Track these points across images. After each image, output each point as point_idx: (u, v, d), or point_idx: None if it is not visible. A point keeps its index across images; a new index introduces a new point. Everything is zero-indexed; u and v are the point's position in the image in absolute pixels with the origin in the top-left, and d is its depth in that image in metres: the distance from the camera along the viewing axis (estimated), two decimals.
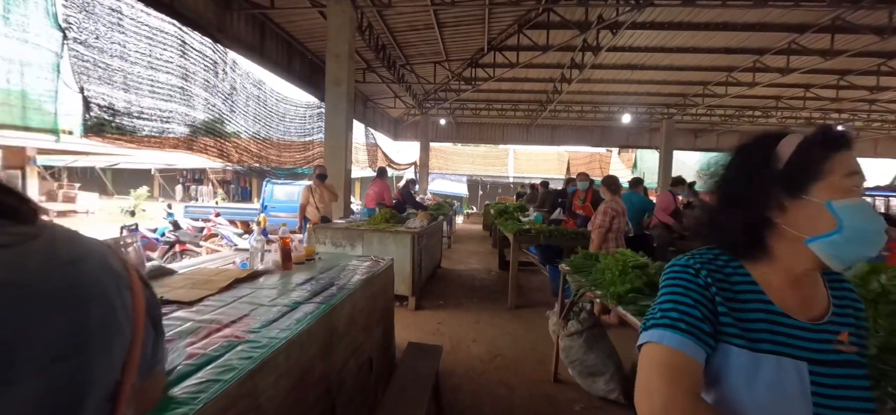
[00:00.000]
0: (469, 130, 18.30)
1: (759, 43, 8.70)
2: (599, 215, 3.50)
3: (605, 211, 3.55)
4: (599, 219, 3.49)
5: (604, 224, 3.50)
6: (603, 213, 3.55)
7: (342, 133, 5.95)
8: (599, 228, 3.49)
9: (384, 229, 4.11)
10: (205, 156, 6.43)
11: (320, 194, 5.23)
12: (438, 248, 6.29)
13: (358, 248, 4.10)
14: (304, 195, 5.19)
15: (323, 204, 5.25)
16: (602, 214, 3.51)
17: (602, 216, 3.52)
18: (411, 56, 10.16)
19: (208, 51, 6.19)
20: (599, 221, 3.48)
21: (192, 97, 6.02)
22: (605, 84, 11.79)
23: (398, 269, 3.94)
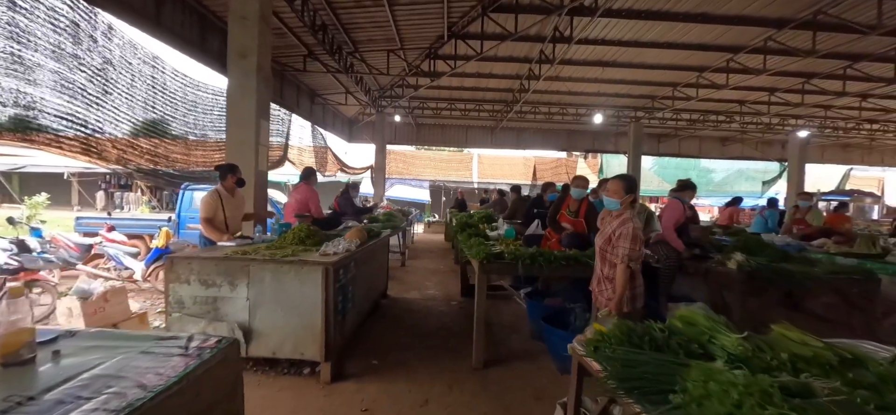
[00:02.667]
0: (430, 131, 17.06)
1: (735, 40, 8.18)
2: (629, 242, 2.30)
3: (635, 236, 2.31)
4: (629, 247, 2.30)
5: (636, 257, 2.34)
6: (633, 238, 2.29)
7: (250, 121, 4.45)
8: (632, 264, 2.33)
9: (283, 259, 2.71)
10: (59, 152, 4.64)
11: (233, 205, 3.77)
12: (382, 273, 4.89)
13: (241, 289, 2.65)
14: (209, 205, 3.63)
15: (235, 215, 3.76)
16: (632, 240, 2.29)
17: (632, 244, 2.29)
18: (360, 42, 8.75)
19: (61, 4, 4.46)
20: (630, 250, 2.30)
21: (31, 69, 4.26)
22: (573, 83, 11.00)
23: (302, 322, 2.53)
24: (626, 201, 2.44)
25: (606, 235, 2.42)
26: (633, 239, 2.31)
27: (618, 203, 2.43)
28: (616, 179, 2.51)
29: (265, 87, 4.66)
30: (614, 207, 2.44)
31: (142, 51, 5.81)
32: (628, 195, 2.44)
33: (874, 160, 17.75)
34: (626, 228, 2.31)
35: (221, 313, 2.70)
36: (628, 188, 2.47)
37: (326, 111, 13.94)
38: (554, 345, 3.06)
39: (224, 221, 3.66)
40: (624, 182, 2.48)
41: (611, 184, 2.50)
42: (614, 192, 2.45)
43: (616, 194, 2.45)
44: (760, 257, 3.18)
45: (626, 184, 2.48)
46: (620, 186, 2.46)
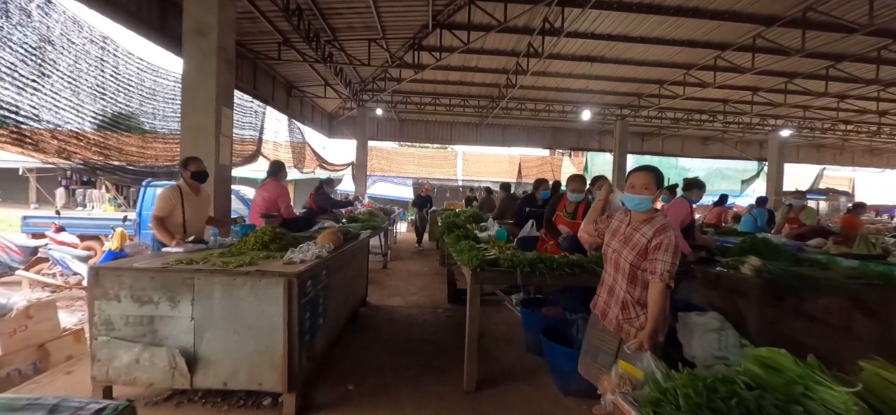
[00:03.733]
0: (414, 127, 16.58)
1: (724, 37, 8.08)
2: (671, 255, 1.83)
3: (677, 247, 1.85)
4: (671, 261, 1.83)
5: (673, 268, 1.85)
6: (675, 250, 1.84)
7: (210, 108, 3.92)
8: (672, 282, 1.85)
9: (235, 270, 2.26)
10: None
11: (196, 204, 3.26)
12: (361, 279, 4.43)
13: (184, 307, 2.17)
14: (166, 202, 3.10)
15: (196, 217, 3.26)
16: (674, 253, 1.83)
17: (674, 257, 1.84)
18: (339, 29, 8.21)
19: None
20: (671, 265, 1.83)
21: None
22: (560, 79, 10.75)
23: (260, 345, 2.09)
24: (657, 200, 1.99)
25: (638, 246, 1.89)
26: (675, 251, 1.84)
27: (649, 201, 1.93)
28: (642, 172, 1.98)
29: (228, 70, 4.13)
30: (644, 206, 1.93)
31: (88, 30, 5.15)
32: (660, 191, 1.96)
33: (845, 160, 18.33)
34: (667, 238, 1.84)
35: (160, 337, 2.21)
36: (659, 182, 1.97)
37: (305, 105, 13.26)
38: (556, 363, 2.71)
39: (182, 223, 3.12)
40: (653, 175, 1.97)
41: (636, 178, 1.96)
42: (644, 187, 1.92)
43: (646, 190, 1.92)
44: (777, 262, 2.92)
45: (656, 177, 1.96)
46: (650, 180, 1.94)
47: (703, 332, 2.81)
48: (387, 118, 15.95)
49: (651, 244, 1.87)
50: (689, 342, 2.91)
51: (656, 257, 1.84)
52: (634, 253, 1.90)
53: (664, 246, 1.84)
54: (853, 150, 17.97)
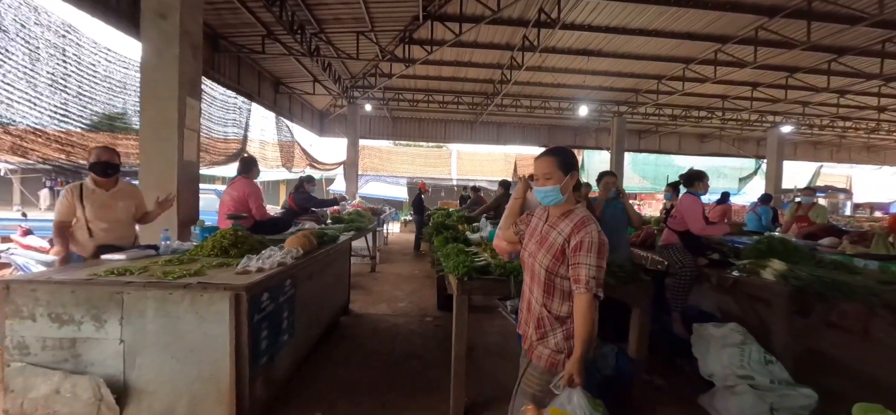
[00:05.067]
0: (407, 125, 16.22)
1: (725, 29, 7.80)
2: (595, 256, 1.47)
3: (602, 246, 1.49)
4: (596, 264, 1.47)
5: (601, 279, 1.50)
6: (599, 250, 1.48)
7: (172, 98, 3.54)
8: (599, 292, 1.47)
9: (172, 283, 1.83)
10: None
11: (103, 203, 2.68)
12: (341, 286, 4.04)
13: (111, 327, 1.81)
14: (61, 204, 2.63)
15: (107, 218, 2.68)
16: (598, 253, 1.48)
17: (599, 259, 1.49)
18: (326, 21, 7.83)
19: None
20: (596, 269, 1.49)
21: None
22: (556, 74, 10.43)
23: (202, 372, 1.74)
24: (568, 187, 1.55)
25: (554, 247, 1.51)
26: (600, 251, 1.46)
27: (558, 191, 1.53)
28: (543, 157, 1.58)
29: (193, 57, 3.75)
30: (553, 199, 1.54)
31: (45, 16, 4.74)
32: (568, 176, 1.54)
33: (842, 157, 18.20)
34: (588, 235, 1.46)
35: (83, 363, 1.85)
36: (565, 164, 1.55)
37: (293, 102, 12.85)
38: None
39: (86, 226, 2.60)
40: (557, 158, 1.55)
41: (538, 166, 1.58)
42: (545, 176, 1.54)
43: (549, 179, 1.53)
44: (804, 266, 2.60)
45: (561, 160, 1.55)
46: (552, 165, 1.54)
47: (722, 346, 2.48)
48: (379, 116, 15.58)
49: (570, 244, 1.49)
50: (706, 357, 2.58)
51: (578, 260, 1.46)
52: (550, 256, 1.53)
53: (585, 245, 1.46)
54: (850, 147, 17.85)
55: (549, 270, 1.53)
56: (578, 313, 1.45)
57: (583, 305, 1.44)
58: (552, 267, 1.53)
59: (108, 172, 2.70)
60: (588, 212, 1.56)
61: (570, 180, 1.56)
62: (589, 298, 1.43)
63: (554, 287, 1.55)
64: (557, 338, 1.53)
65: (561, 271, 1.52)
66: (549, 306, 1.56)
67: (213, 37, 8.00)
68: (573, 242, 1.48)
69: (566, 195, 1.56)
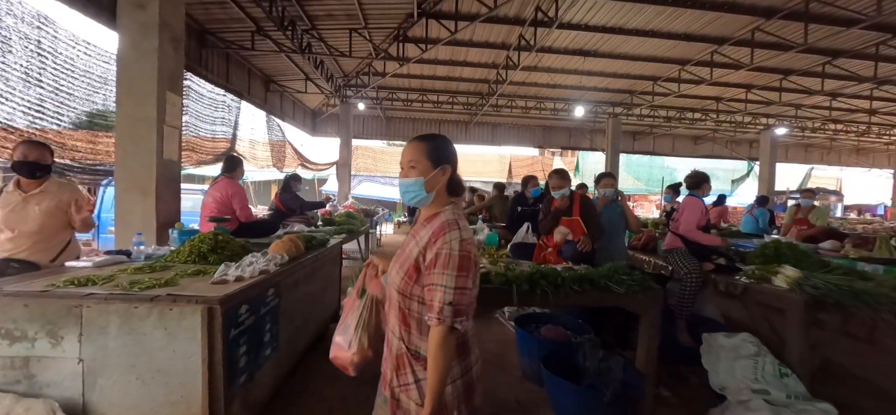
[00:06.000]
0: (401, 125, 16.04)
1: (721, 30, 7.76)
2: (452, 276, 1.11)
3: (465, 259, 1.14)
4: (454, 286, 1.11)
5: (467, 307, 1.17)
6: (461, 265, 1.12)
7: (150, 94, 3.34)
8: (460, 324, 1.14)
9: (137, 294, 1.63)
10: None
11: (12, 209, 2.27)
12: (331, 292, 3.83)
13: (69, 345, 1.61)
14: None
15: (12, 231, 2.26)
16: (458, 269, 1.12)
17: (460, 279, 1.12)
18: (317, 17, 7.63)
19: None
20: (456, 294, 1.12)
21: None
22: (552, 74, 10.34)
23: (171, 395, 1.55)
24: (437, 183, 1.23)
25: (408, 262, 1.19)
26: (462, 266, 1.10)
27: (421, 187, 1.21)
28: (409, 145, 1.27)
29: (174, 50, 3.54)
30: (415, 195, 1.23)
31: (18, 6, 4.49)
32: (438, 169, 1.22)
33: (832, 160, 18.41)
34: (447, 245, 1.12)
35: (38, 384, 1.65)
36: (436, 154, 1.23)
37: (285, 100, 12.60)
38: (559, 400, 2.22)
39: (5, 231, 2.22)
40: (427, 145, 1.25)
41: (404, 152, 1.26)
42: (410, 165, 1.23)
43: (415, 168, 1.22)
44: (815, 272, 2.48)
45: (431, 148, 1.24)
46: (419, 153, 1.23)
47: (734, 357, 2.35)
48: (373, 116, 15.38)
49: (426, 259, 1.14)
50: (716, 368, 2.45)
51: (432, 281, 1.11)
52: (402, 273, 1.18)
53: (442, 260, 1.10)
54: (840, 149, 18.06)
55: (403, 291, 1.17)
56: (430, 354, 1.09)
57: (435, 342, 1.08)
58: (405, 288, 1.17)
59: (35, 175, 2.27)
60: (459, 215, 1.21)
61: (441, 175, 1.22)
62: (443, 333, 1.08)
63: (411, 315, 1.17)
64: (422, 389, 1.15)
65: (416, 294, 1.16)
66: (406, 340, 1.18)
67: (201, 32, 7.76)
68: (429, 255, 1.13)
69: (433, 193, 1.22)
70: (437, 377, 1.08)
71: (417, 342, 1.17)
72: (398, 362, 1.19)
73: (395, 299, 1.20)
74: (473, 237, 1.20)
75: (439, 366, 1.08)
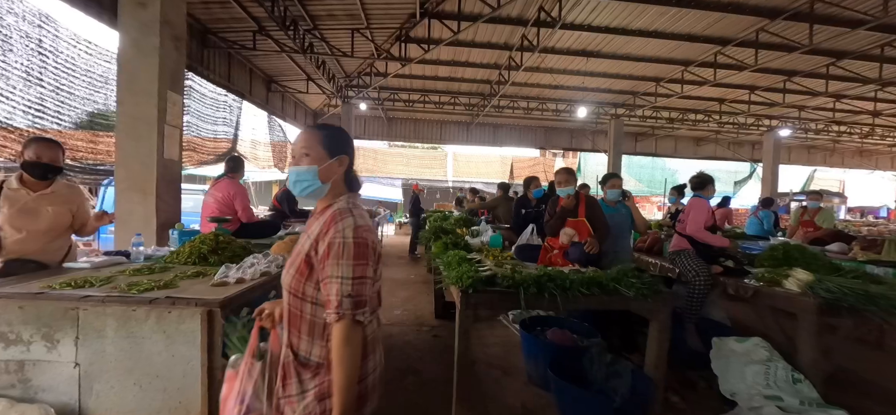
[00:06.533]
0: (403, 126, 16.00)
1: (725, 31, 7.72)
2: (349, 266, 1.02)
3: (363, 246, 1.05)
4: (351, 278, 1.02)
5: (368, 299, 1.07)
6: (357, 255, 1.03)
7: (151, 93, 3.30)
8: (362, 316, 1.04)
9: (135, 297, 1.58)
10: None
11: (22, 208, 2.17)
12: None
13: (65, 348, 1.57)
14: None
15: (23, 231, 2.16)
16: (355, 259, 1.03)
17: (357, 269, 1.03)
18: (319, 17, 7.61)
19: None
20: (354, 285, 1.03)
21: None
22: (554, 75, 10.29)
23: (170, 400, 1.52)
24: (332, 173, 1.12)
25: (299, 257, 1.09)
26: (359, 254, 1.02)
27: (314, 176, 1.10)
28: (304, 131, 1.16)
29: (175, 49, 3.50)
30: (307, 185, 1.11)
31: (18, 4, 4.46)
32: (334, 159, 1.12)
33: (835, 162, 18.33)
34: (338, 234, 1.02)
35: (33, 389, 1.61)
36: (332, 143, 1.13)
37: (286, 101, 12.58)
38: (567, 406, 2.16)
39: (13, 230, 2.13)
40: (321, 132, 1.15)
41: (297, 140, 1.16)
42: (305, 151, 1.11)
43: (307, 156, 1.11)
44: (827, 275, 2.43)
45: (325, 135, 1.14)
46: (313, 140, 1.13)
47: (745, 362, 2.30)
48: (374, 116, 15.36)
49: (318, 252, 1.03)
50: (726, 373, 2.40)
51: (326, 274, 1.01)
52: (293, 270, 1.08)
53: (336, 249, 1.00)
54: (843, 151, 17.98)
55: (294, 290, 1.07)
56: (335, 354, 0.98)
57: (338, 339, 0.98)
58: (296, 287, 1.06)
59: (46, 176, 2.20)
60: (355, 204, 1.12)
61: (337, 166, 1.12)
62: (345, 328, 0.98)
63: (301, 317, 1.06)
64: (308, 400, 1.02)
65: (309, 293, 1.05)
66: (295, 347, 1.06)
67: (203, 32, 7.74)
68: (321, 247, 1.03)
69: (328, 184, 1.11)
70: (344, 377, 0.97)
71: (307, 348, 1.06)
72: (285, 370, 1.07)
73: (288, 301, 1.09)
74: (371, 224, 1.11)
75: (345, 364, 0.97)
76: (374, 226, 1.11)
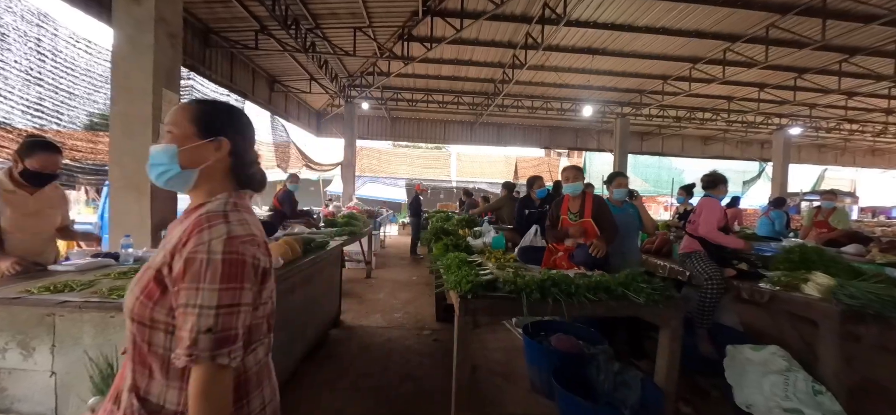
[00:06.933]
0: (406, 126, 15.93)
1: (735, 27, 7.54)
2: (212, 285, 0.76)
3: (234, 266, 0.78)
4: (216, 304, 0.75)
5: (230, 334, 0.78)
6: (226, 273, 0.76)
7: (146, 92, 3.23)
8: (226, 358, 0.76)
9: (113, 303, 1.46)
10: None
11: (26, 210, 2.09)
12: (330, 296, 3.70)
13: (41, 356, 1.49)
14: None
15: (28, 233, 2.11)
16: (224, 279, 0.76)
17: (225, 292, 0.77)
18: (321, 16, 7.54)
19: None
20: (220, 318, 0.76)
21: None
22: (559, 73, 10.15)
23: None
24: (200, 158, 0.87)
25: (148, 272, 0.82)
26: (232, 275, 0.77)
27: (172, 159, 0.86)
28: (175, 107, 0.92)
29: (171, 46, 3.43)
30: (165, 172, 0.87)
31: (17, 3, 4.42)
32: (209, 140, 0.87)
33: (847, 161, 17.98)
34: (202, 246, 0.76)
35: (8, 399, 1.53)
36: (204, 120, 0.88)
37: (289, 101, 12.56)
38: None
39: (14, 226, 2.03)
40: (192, 110, 0.89)
41: (168, 116, 0.90)
42: (171, 129, 0.88)
43: (173, 131, 0.87)
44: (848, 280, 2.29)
45: (197, 111, 0.89)
46: (181, 116, 0.88)
47: (762, 372, 2.17)
48: (378, 116, 15.30)
49: (174, 268, 0.78)
50: (742, 384, 2.27)
51: (180, 301, 0.76)
52: (138, 290, 0.82)
53: (196, 267, 0.75)
54: (855, 150, 17.63)
55: (139, 317, 0.80)
56: (189, 406, 0.75)
57: (193, 390, 0.74)
58: (141, 312, 0.79)
59: (45, 184, 2.13)
60: (235, 207, 0.86)
61: (210, 151, 0.87)
62: (204, 373, 0.73)
63: (150, 351, 0.79)
64: None
65: (159, 318, 0.78)
66: (142, 390, 0.80)
67: (205, 31, 7.71)
68: (176, 264, 0.77)
69: (195, 172, 0.86)
70: None
71: (158, 392, 0.78)
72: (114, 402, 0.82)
73: (129, 331, 0.81)
74: (257, 235, 0.85)
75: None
76: (261, 237, 0.88)
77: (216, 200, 0.87)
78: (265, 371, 0.91)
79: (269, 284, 0.89)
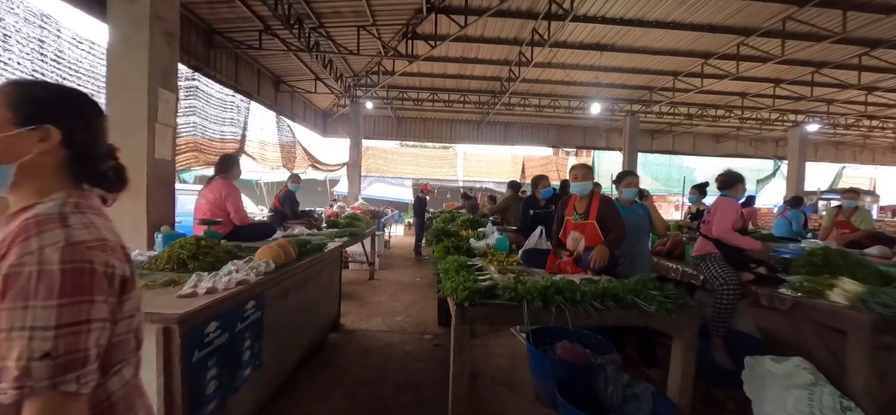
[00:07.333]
0: (412, 125, 15.84)
1: (749, 20, 7.28)
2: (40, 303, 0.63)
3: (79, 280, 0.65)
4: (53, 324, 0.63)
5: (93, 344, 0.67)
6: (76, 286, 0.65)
7: (141, 90, 3.18)
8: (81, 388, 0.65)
9: None
10: None
11: None
12: (329, 300, 3.61)
13: None
14: None
15: None
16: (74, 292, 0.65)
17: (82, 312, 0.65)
18: (325, 14, 7.47)
19: None
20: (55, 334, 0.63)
21: None
22: (566, 70, 9.96)
23: None
24: (20, 152, 0.72)
25: None
26: (71, 287, 0.64)
27: None
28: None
29: (167, 44, 3.37)
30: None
31: (20, 4, 4.42)
32: (29, 129, 0.72)
33: (866, 159, 17.42)
34: (30, 257, 0.64)
35: None
36: (26, 104, 0.73)
37: (295, 101, 12.55)
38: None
39: None
40: (14, 88, 0.74)
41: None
42: None
43: None
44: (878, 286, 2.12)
45: (16, 91, 0.74)
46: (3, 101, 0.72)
47: (785, 387, 2.01)
48: (384, 116, 15.24)
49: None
50: (762, 398, 2.11)
51: (3, 325, 0.62)
52: None
53: (22, 281, 0.63)
54: (874, 147, 17.06)
55: None
56: None
57: None
58: None
59: None
60: (76, 208, 0.74)
61: (33, 141, 0.73)
62: (48, 405, 0.62)
63: None
64: None
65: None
66: None
67: (209, 32, 7.70)
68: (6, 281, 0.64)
69: (11, 167, 0.72)
70: None
71: None
72: None
73: None
74: (108, 238, 0.73)
75: None
76: (116, 242, 0.76)
77: (49, 202, 0.73)
78: (136, 393, 0.80)
79: (133, 294, 0.78)
